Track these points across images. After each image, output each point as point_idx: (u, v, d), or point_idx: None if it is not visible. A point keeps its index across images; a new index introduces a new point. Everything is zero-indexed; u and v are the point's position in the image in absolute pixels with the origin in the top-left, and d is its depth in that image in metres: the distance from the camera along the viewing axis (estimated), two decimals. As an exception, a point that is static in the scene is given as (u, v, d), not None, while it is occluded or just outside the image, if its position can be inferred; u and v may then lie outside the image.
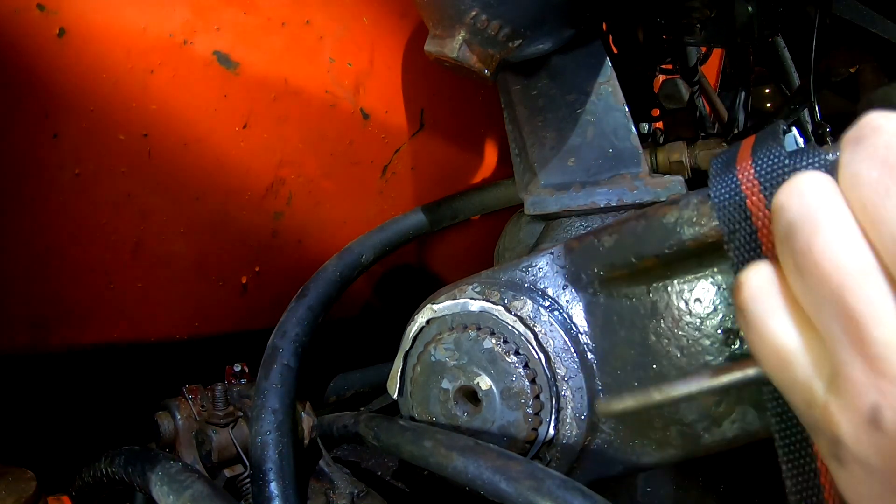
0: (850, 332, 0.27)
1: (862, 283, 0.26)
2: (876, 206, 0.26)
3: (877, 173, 0.26)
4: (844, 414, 0.28)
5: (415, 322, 0.75)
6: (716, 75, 1.79)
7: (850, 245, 0.26)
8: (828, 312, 0.27)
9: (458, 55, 0.70)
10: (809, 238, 0.27)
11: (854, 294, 0.26)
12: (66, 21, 0.64)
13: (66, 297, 0.77)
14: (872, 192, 0.26)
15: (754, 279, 0.32)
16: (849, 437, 0.28)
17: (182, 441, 0.75)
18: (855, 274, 0.26)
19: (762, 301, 0.31)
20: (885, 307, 0.26)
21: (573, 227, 0.83)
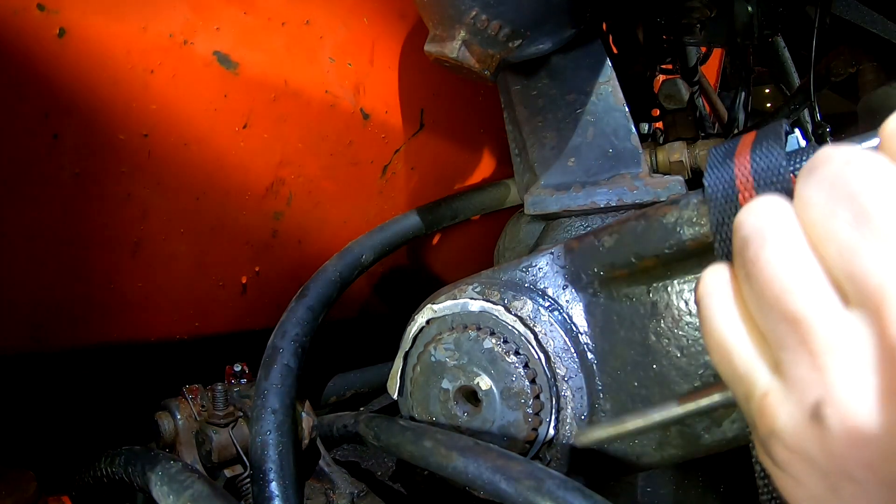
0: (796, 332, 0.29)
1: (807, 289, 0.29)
2: (821, 225, 0.29)
3: (823, 197, 0.29)
4: (785, 408, 0.30)
5: (415, 322, 0.75)
6: (716, 75, 1.79)
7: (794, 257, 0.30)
8: (772, 315, 0.30)
9: (458, 55, 0.70)
10: (758, 249, 0.31)
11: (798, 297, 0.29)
12: (66, 21, 0.64)
13: (66, 297, 0.77)
14: (819, 213, 0.29)
15: (712, 276, 0.35)
16: (788, 431, 0.30)
17: (182, 441, 0.75)
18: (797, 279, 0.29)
19: (714, 296, 0.34)
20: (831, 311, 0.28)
21: (573, 227, 0.83)
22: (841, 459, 0.28)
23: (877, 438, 0.27)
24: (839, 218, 0.28)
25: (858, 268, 0.28)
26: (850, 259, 0.28)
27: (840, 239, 0.28)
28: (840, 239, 0.28)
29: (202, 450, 0.74)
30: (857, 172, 0.28)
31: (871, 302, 0.27)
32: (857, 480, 0.28)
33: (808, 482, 0.31)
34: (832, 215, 0.29)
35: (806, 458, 0.30)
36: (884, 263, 0.27)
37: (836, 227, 0.28)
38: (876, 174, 0.28)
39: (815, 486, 0.30)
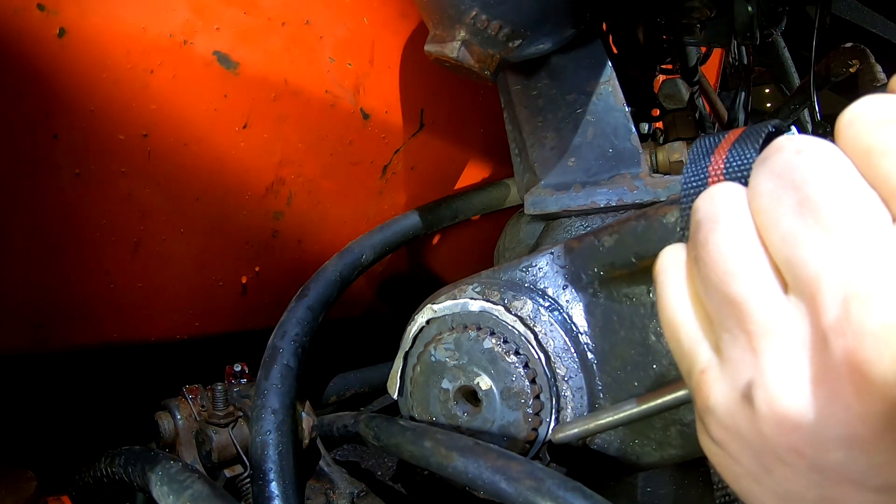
0: (736, 314, 0.30)
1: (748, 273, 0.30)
2: (767, 212, 0.29)
3: (771, 185, 0.29)
4: (719, 385, 0.31)
5: (415, 322, 0.75)
6: (716, 75, 1.79)
7: (740, 241, 0.30)
8: (716, 297, 0.31)
9: (458, 55, 0.70)
10: (707, 233, 0.31)
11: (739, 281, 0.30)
12: (66, 21, 0.64)
13: (66, 297, 0.77)
14: (766, 200, 0.30)
15: (668, 255, 0.36)
16: (721, 409, 0.31)
17: (182, 441, 0.75)
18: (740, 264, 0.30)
19: (667, 274, 0.36)
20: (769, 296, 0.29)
21: (573, 227, 0.83)
22: (770, 441, 0.29)
23: (804, 424, 0.27)
24: (783, 205, 0.29)
25: (797, 256, 0.28)
26: (790, 247, 0.28)
27: (782, 226, 0.29)
28: (782, 226, 0.29)
29: (202, 450, 0.74)
30: (805, 161, 0.29)
31: (807, 290, 0.27)
32: (788, 463, 0.29)
33: (742, 460, 0.31)
34: (778, 203, 0.29)
35: (739, 437, 0.30)
36: (822, 253, 0.27)
37: (780, 214, 0.29)
38: (823, 164, 0.28)
39: (749, 463, 0.31)
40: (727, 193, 0.32)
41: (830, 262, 0.27)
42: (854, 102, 0.28)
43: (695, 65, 1.25)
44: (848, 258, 0.26)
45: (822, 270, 0.27)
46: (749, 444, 0.30)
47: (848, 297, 0.26)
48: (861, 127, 0.28)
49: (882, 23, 1.52)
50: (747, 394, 0.29)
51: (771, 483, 0.30)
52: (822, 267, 0.27)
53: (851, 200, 0.27)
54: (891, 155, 0.26)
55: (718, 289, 0.31)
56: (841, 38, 1.29)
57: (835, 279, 0.26)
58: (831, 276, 0.26)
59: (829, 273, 0.27)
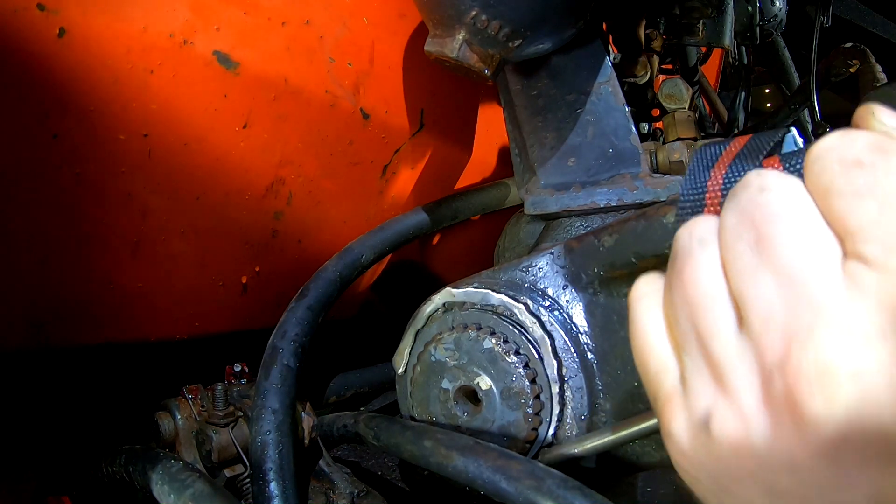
0: (699, 344, 0.32)
1: (711, 307, 0.31)
2: (728, 248, 0.31)
3: (734, 221, 0.31)
4: (681, 413, 0.33)
5: (431, 301, 0.75)
6: (716, 75, 1.79)
7: (708, 274, 0.31)
8: (683, 325, 0.32)
9: (458, 55, 0.70)
10: (683, 263, 0.33)
11: (703, 313, 0.31)
12: (66, 21, 0.64)
13: (66, 297, 0.77)
14: (728, 235, 0.31)
15: (644, 283, 0.38)
16: (681, 435, 0.33)
17: (182, 441, 0.75)
18: (707, 297, 0.31)
19: (642, 301, 0.37)
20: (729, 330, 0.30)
21: (573, 227, 0.83)
22: (727, 466, 0.31)
23: (754, 451, 0.29)
24: (743, 242, 0.30)
25: (749, 293, 0.29)
26: (744, 284, 0.30)
27: (739, 263, 0.30)
28: (739, 263, 0.30)
29: (202, 450, 0.74)
30: (766, 200, 0.30)
31: (755, 328, 0.29)
32: (744, 485, 0.30)
33: (702, 482, 0.33)
34: (738, 239, 0.30)
35: (698, 462, 0.32)
36: (770, 293, 0.28)
37: (740, 251, 0.30)
38: (783, 203, 0.29)
39: (709, 486, 0.33)
40: (703, 227, 0.33)
41: (779, 301, 0.28)
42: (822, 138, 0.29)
43: (695, 65, 1.25)
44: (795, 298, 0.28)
45: (770, 309, 0.28)
46: (707, 467, 0.32)
47: (791, 337, 0.27)
48: (824, 166, 0.29)
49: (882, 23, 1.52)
50: (705, 422, 0.31)
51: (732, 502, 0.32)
52: (769, 307, 0.28)
53: (803, 240, 0.28)
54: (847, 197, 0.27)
55: (686, 318, 0.32)
56: (841, 38, 1.29)
57: (779, 320, 0.28)
58: (778, 315, 0.28)
59: (776, 312, 0.28)
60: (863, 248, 0.27)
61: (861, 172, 0.27)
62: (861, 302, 0.27)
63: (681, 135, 0.92)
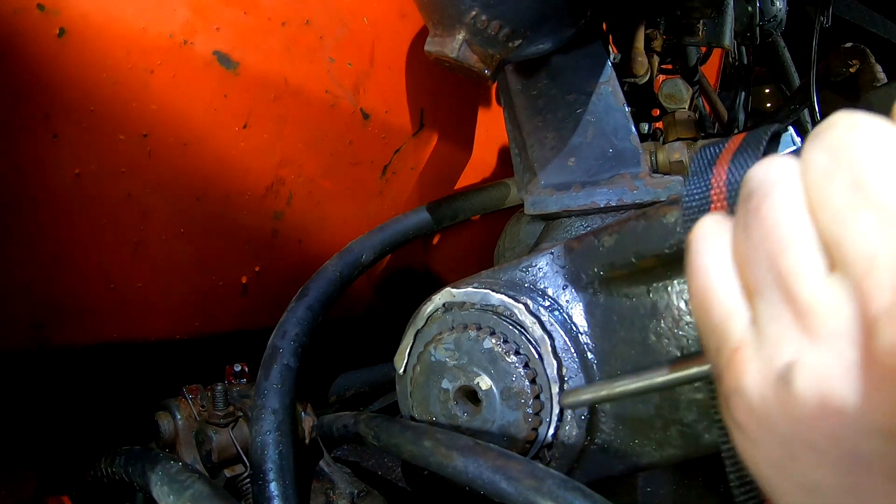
0: (781, 287, 0.29)
1: (797, 245, 0.29)
2: (819, 188, 0.29)
3: (824, 160, 0.29)
4: (754, 364, 0.30)
5: (431, 301, 0.75)
6: (716, 75, 1.79)
7: (793, 213, 0.29)
8: (761, 267, 0.30)
9: (458, 55, 0.70)
10: (760, 200, 0.30)
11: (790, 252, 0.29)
12: (66, 21, 0.64)
13: (66, 297, 0.77)
14: (818, 175, 0.29)
15: (709, 221, 0.35)
16: (753, 389, 0.29)
17: (182, 441, 0.75)
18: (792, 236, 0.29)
19: (708, 240, 0.34)
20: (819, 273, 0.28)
21: (573, 227, 0.83)
22: (804, 427, 0.28)
23: (845, 410, 0.26)
24: (836, 183, 0.28)
25: (849, 235, 0.27)
26: (842, 225, 0.27)
27: (834, 204, 0.28)
28: (834, 204, 0.28)
29: (202, 450, 0.74)
30: (861, 139, 0.28)
31: (857, 272, 0.26)
32: (819, 450, 0.28)
33: (766, 446, 0.30)
34: (830, 179, 0.28)
35: (767, 421, 0.29)
36: (875, 235, 0.26)
37: (833, 192, 0.28)
38: (880, 143, 0.27)
39: (773, 450, 0.30)
40: (782, 166, 0.31)
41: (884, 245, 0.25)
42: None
43: (695, 65, 1.25)
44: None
45: (874, 253, 0.26)
46: (777, 428, 0.29)
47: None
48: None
49: (882, 23, 1.52)
50: (785, 374, 0.28)
51: (794, 470, 0.29)
52: (874, 249, 0.26)
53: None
54: None
55: (765, 258, 0.29)
56: (841, 38, 1.29)
57: (888, 263, 0.25)
58: (884, 259, 0.25)
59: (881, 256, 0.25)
60: None
61: None
62: None
63: (681, 135, 0.92)
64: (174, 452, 0.75)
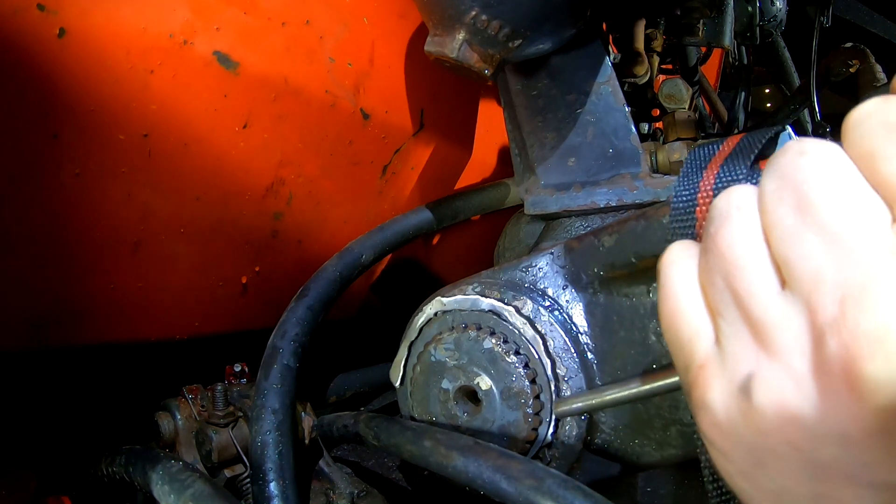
0: (738, 306, 0.31)
1: (751, 267, 0.30)
2: (770, 212, 0.30)
3: (774, 185, 0.30)
4: (718, 379, 0.31)
5: (423, 312, 0.75)
6: (716, 75, 1.79)
7: (747, 236, 0.31)
8: (720, 288, 0.32)
9: (458, 55, 0.70)
10: (719, 226, 0.32)
11: (744, 274, 0.31)
12: (66, 21, 0.64)
13: (66, 297, 0.77)
14: (769, 200, 0.31)
15: (676, 248, 0.37)
16: (718, 404, 0.31)
17: (182, 441, 0.75)
18: (746, 258, 0.31)
19: (675, 265, 0.36)
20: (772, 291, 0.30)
21: (573, 227, 0.83)
22: (766, 436, 0.29)
23: (800, 418, 0.28)
24: (785, 205, 0.30)
25: (796, 254, 0.29)
26: (790, 245, 0.29)
27: (783, 226, 0.30)
28: (783, 226, 0.30)
29: (202, 450, 0.74)
30: (806, 164, 0.29)
31: (805, 287, 0.28)
32: (783, 458, 0.29)
33: (735, 457, 0.32)
34: (780, 202, 0.30)
35: (733, 433, 0.31)
36: (819, 252, 0.28)
37: (782, 213, 0.30)
38: (824, 166, 0.29)
39: (742, 461, 0.31)
40: (741, 193, 0.33)
41: (828, 262, 0.27)
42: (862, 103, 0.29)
43: (695, 65, 1.26)
44: (845, 258, 0.27)
45: (819, 269, 0.27)
46: (743, 439, 0.30)
47: (844, 297, 0.26)
48: (866, 130, 0.28)
49: (882, 23, 1.52)
50: (745, 388, 0.30)
51: (763, 479, 0.30)
52: (819, 266, 0.28)
53: (849, 201, 0.28)
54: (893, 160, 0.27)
55: (724, 280, 0.31)
56: (841, 38, 1.29)
57: (832, 278, 0.27)
58: (828, 274, 0.27)
59: (826, 272, 0.27)
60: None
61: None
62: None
63: (681, 135, 0.92)
64: (174, 452, 0.75)
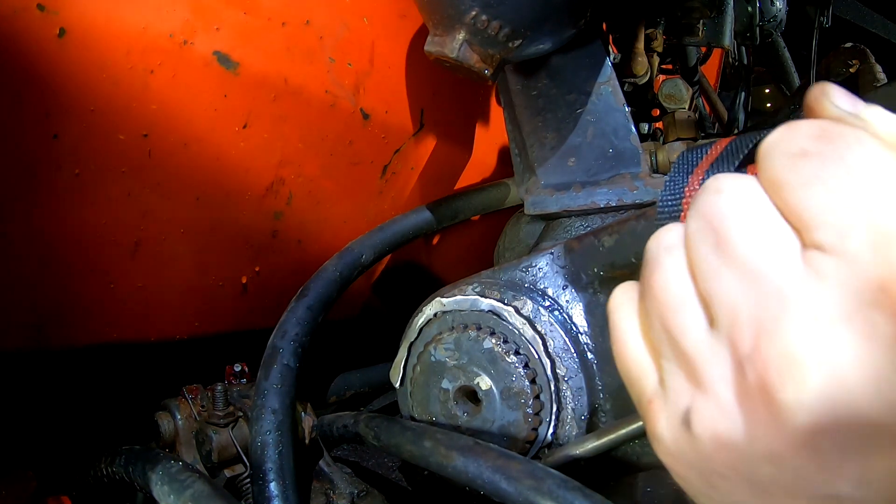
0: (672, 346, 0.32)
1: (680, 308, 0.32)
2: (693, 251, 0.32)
3: (696, 225, 0.32)
4: (663, 413, 0.34)
5: (422, 313, 0.75)
6: (716, 75, 1.79)
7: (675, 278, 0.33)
8: (656, 329, 0.34)
9: (458, 55, 0.70)
10: (651, 270, 0.34)
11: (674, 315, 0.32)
12: (66, 21, 0.64)
13: (66, 297, 0.77)
14: (692, 240, 0.32)
15: (620, 292, 0.39)
16: (666, 435, 0.34)
17: (182, 441, 0.75)
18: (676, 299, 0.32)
19: (620, 309, 0.38)
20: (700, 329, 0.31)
21: (573, 227, 0.83)
22: (710, 461, 0.31)
23: (734, 443, 0.30)
24: (705, 244, 0.31)
25: (716, 291, 0.30)
26: (710, 283, 0.31)
27: (705, 265, 0.31)
28: (705, 265, 0.31)
29: (202, 450, 0.74)
30: (722, 201, 0.31)
31: (724, 323, 0.30)
32: (728, 478, 0.31)
33: (690, 480, 0.34)
34: (701, 242, 0.31)
35: (682, 460, 0.33)
36: (734, 288, 0.29)
37: (704, 253, 0.31)
38: (737, 201, 0.30)
39: (696, 482, 0.34)
40: (670, 235, 0.34)
41: (744, 296, 0.29)
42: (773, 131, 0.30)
43: (695, 65, 1.25)
44: (758, 291, 0.29)
45: (736, 304, 0.29)
46: (693, 465, 0.33)
47: (758, 329, 0.28)
48: (772, 160, 0.30)
49: (882, 23, 1.52)
50: (685, 420, 0.32)
51: (719, 497, 0.33)
52: (736, 301, 0.29)
53: (760, 235, 0.29)
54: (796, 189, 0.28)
55: (659, 321, 0.33)
56: (841, 38, 1.29)
57: (747, 312, 0.29)
58: (744, 308, 0.29)
59: (741, 306, 0.29)
60: (818, 235, 0.27)
61: (806, 163, 0.28)
62: (823, 288, 0.27)
63: (681, 135, 0.92)
64: (174, 452, 0.75)
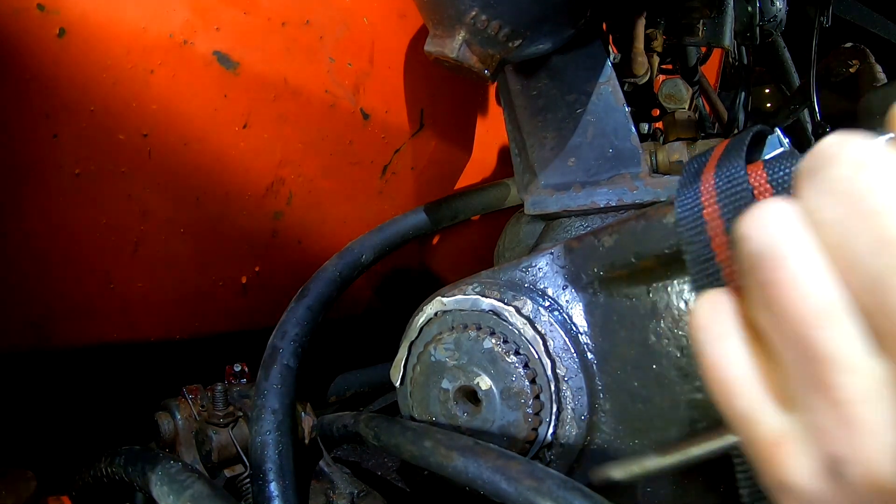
0: (822, 373, 0.25)
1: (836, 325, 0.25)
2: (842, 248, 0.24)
3: (838, 212, 0.24)
4: (799, 459, 0.27)
5: (423, 312, 0.75)
6: (716, 75, 1.79)
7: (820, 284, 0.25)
8: (793, 351, 0.26)
9: (458, 55, 0.70)
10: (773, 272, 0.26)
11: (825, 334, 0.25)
12: (66, 21, 0.64)
13: (66, 297, 0.77)
14: (837, 233, 0.24)
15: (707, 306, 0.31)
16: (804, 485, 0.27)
17: (182, 441, 0.75)
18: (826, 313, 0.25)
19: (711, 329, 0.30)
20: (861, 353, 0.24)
21: (573, 227, 0.83)
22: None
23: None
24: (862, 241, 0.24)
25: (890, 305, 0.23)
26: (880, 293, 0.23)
27: (866, 268, 0.24)
28: (866, 268, 0.24)
29: (202, 450, 0.74)
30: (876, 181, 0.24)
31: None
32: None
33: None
34: (854, 237, 0.24)
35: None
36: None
37: (861, 252, 0.24)
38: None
39: None
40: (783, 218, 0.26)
41: None
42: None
43: (695, 65, 1.25)
44: None
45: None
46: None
47: None
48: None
49: (882, 23, 1.52)
50: (836, 468, 0.25)
51: None
52: None
53: None
54: None
55: (799, 341, 0.25)
56: (841, 38, 1.29)
57: None
58: None
59: None
60: None
61: None
62: None
63: (681, 135, 0.92)
64: (174, 452, 0.75)
